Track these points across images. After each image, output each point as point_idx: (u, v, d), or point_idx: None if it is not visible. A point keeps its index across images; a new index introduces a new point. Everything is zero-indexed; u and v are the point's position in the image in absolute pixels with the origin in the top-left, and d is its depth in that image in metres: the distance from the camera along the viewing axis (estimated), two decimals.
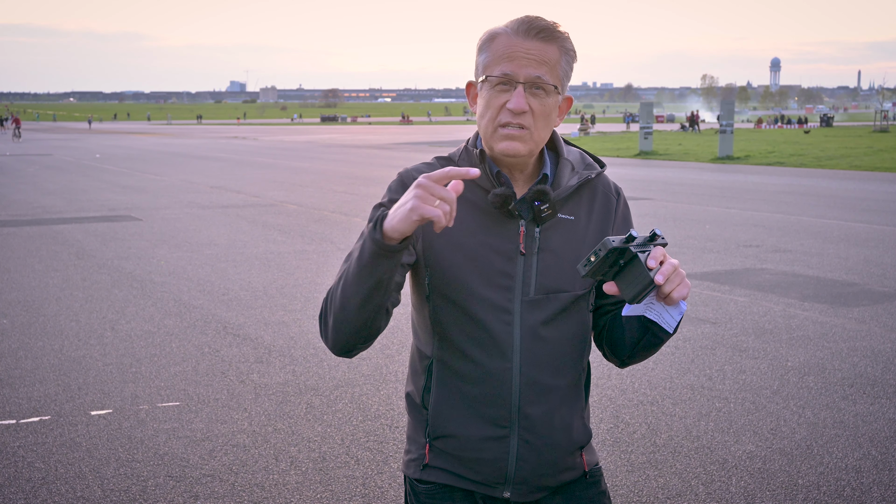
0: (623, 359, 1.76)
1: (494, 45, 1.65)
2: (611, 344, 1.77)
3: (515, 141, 1.63)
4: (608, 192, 1.78)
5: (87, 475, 4.07)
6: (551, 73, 1.63)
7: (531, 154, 1.67)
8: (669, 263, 1.50)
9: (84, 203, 16.29)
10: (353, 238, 11.53)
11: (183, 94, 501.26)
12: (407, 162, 17.35)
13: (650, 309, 1.60)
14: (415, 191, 1.43)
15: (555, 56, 1.63)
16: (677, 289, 1.53)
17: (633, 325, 1.69)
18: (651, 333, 1.66)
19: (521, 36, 1.62)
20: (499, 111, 1.64)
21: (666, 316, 1.61)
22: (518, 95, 1.61)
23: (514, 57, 1.62)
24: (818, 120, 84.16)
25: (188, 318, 7.08)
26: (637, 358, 1.74)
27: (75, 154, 36.37)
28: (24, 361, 5.89)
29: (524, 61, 1.61)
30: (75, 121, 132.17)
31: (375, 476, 4.06)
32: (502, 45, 1.64)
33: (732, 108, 31.14)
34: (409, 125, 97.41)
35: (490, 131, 1.66)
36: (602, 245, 1.47)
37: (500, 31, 1.66)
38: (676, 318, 1.61)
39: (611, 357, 1.80)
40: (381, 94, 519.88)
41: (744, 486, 3.93)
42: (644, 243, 1.52)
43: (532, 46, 1.62)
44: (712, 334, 6.48)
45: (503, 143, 1.64)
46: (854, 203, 15.60)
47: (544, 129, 1.66)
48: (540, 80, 1.62)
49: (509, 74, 1.62)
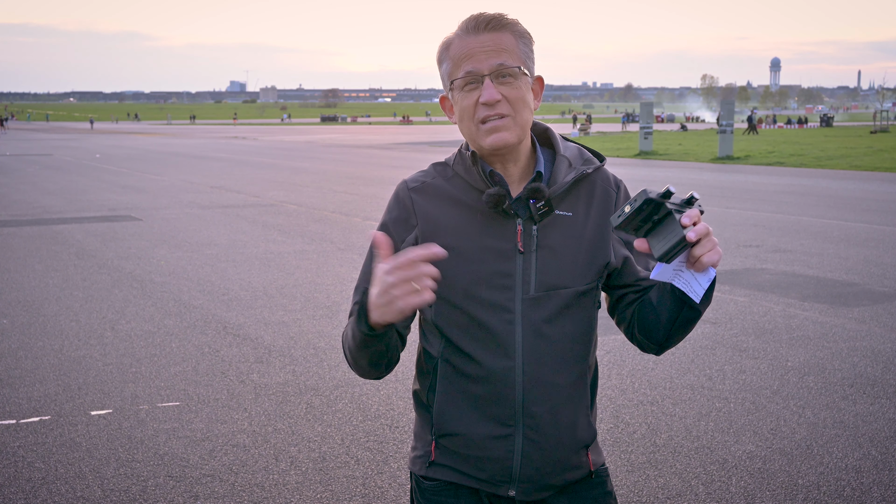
0: (661, 342, 1.72)
1: (451, 52, 1.68)
2: (645, 330, 1.73)
3: (501, 131, 1.64)
4: (607, 187, 1.77)
5: (87, 475, 4.07)
6: (512, 57, 1.65)
7: (520, 140, 1.68)
8: (703, 225, 1.48)
9: (84, 203, 16.29)
10: (353, 238, 11.53)
11: (183, 94, 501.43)
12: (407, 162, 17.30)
13: (678, 276, 1.55)
14: (389, 288, 1.43)
15: (510, 41, 1.65)
16: (708, 253, 1.49)
17: (667, 302, 1.65)
18: (687, 307, 1.62)
19: (472, 33, 1.65)
20: (475, 109, 1.65)
21: (695, 285, 1.56)
22: (487, 87, 1.63)
23: (472, 54, 1.64)
24: (818, 120, 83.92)
25: (188, 318, 7.08)
26: (674, 339, 1.70)
27: (75, 154, 36.38)
28: (24, 361, 5.89)
29: (482, 55, 1.64)
30: (74, 121, 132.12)
31: (375, 476, 4.06)
32: (458, 49, 1.66)
33: (732, 108, 31.12)
34: (409, 125, 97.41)
35: (474, 131, 1.67)
36: (639, 195, 1.44)
37: (452, 37, 1.69)
38: (704, 285, 1.56)
39: (647, 345, 1.75)
40: (381, 94, 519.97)
41: (744, 486, 3.93)
42: (681, 204, 1.48)
43: (485, 39, 1.64)
44: (712, 334, 6.48)
45: (490, 138, 1.65)
46: (854, 203, 15.60)
47: (524, 112, 1.67)
48: (503, 66, 1.63)
49: (472, 71, 1.64)
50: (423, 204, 1.73)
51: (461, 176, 1.73)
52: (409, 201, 1.74)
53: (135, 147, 44.10)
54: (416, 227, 1.73)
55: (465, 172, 1.72)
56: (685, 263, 1.55)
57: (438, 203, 1.73)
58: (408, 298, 1.43)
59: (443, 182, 1.75)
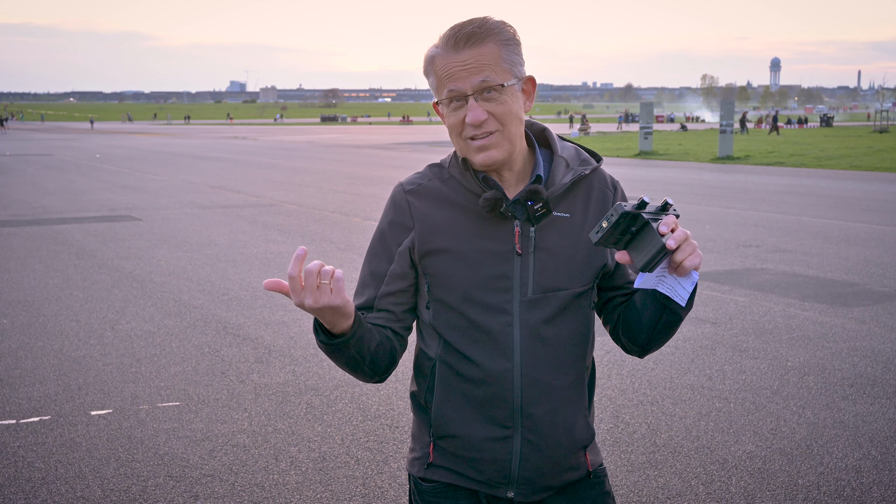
0: (643, 345, 1.73)
1: (435, 68, 1.66)
2: (628, 332, 1.74)
3: (490, 150, 1.64)
4: (604, 187, 1.77)
5: (87, 475, 4.07)
6: (495, 71, 1.62)
7: (510, 154, 1.67)
8: (681, 230, 1.49)
9: (84, 203, 16.29)
10: (352, 238, 11.54)
11: (183, 94, 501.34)
12: (407, 162, 17.30)
13: (662, 282, 1.57)
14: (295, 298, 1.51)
15: (493, 54, 1.62)
16: (689, 258, 1.51)
17: (649, 306, 1.66)
18: (669, 311, 1.63)
19: (452, 51, 1.62)
20: (462, 127, 1.65)
21: (678, 288, 1.58)
22: (472, 108, 1.61)
23: (452, 74, 1.62)
24: (818, 120, 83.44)
25: (188, 318, 7.08)
26: (656, 342, 1.72)
27: (75, 154, 36.37)
28: (24, 361, 5.89)
29: (464, 73, 1.61)
30: (74, 121, 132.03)
31: (375, 476, 4.06)
32: (440, 66, 1.64)
33: (732, 108, 31.11)
34: (409, 125, 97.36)
35: (463, 148, 1.68)
36: (614, 209, 1.45)
37: (434, 51, 1.66)
38: (689, 288, 1.58)
39: (630, 347, 1.77)
40: (381, 94, 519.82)
41: (744, 486, 3.93)
42: (656, 212, 1.50)
43: (466, 57, 1.61)
44: (712, 334, 6.47)
45: (479, 157, 1.65)
46: (854, 203, 15.60)
47: (513, 125, 1.65)
48: (486, 83, 1.61)
49: (455, 90, 1.62)
50: (419, 206, 1.73)
51: (457, 178, 1.73)
52: (406, 204, 1.74)
53: (134, 147, 44.09)
54: (412, 230, 1.72)
55: (461, 175, 1.72)
56: (667, 269, 1.56)
57: (435, 205, 1.72)
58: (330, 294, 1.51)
59: (439, 184, 1.74)
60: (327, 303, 1.50)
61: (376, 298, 1.74)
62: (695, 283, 1.59)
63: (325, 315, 1.54)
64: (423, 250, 1.71)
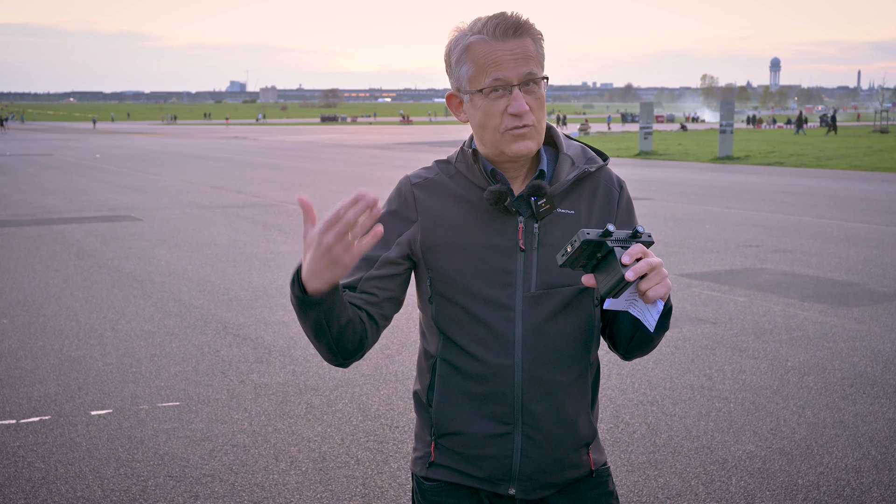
0: (623, 354, 1.78)
1: (474, 55, 1.63)
2: (610, 337, 1.79)
3: (527, 140, 1.64)
4: (610, 186, 1.77)
5: (87, 475, 4.07)
6: (537, 65, 1.64)
7: (539, 146, 1.69)
8: (645, 261, 1.47)
9: (84, 203, 16.29)
10: None
11: (183, 94, 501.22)
12: (407, 162, 17.35)
13: (633, 305, 1.57)
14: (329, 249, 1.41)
15: (533, 48, 1.64)
16: (654, 288, 1.49)
17: (625, 322, 1.69)
18: (640, 332, 1.67)
19: (500, 39, 1.61)
20: (501, 118, 1.63)
21: (647, 315, 1.57)
22: (517, 98, 1.61)
23: (500, 61, 1.61)
24: (818, 120, 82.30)
25: (188, 318, 7.08)
26: (634, 353, 1.75)
27: (75, 154, 36.38)
28: (24, 361, 5.89)
29: (511, 63, 1.61)
30: (75, 121, 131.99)
31: (375, 476, 4.06)
32: (483, 53, 1.62)
33: (732, 108, 31.14)
34: (410, 125, 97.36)
35: (498, 138, 1.65)
36: (577, 236, 1.46)
37: (474, 39, 1.63)
38: (656, 316, 1.57)
39: (614, 350, 1.81)
40: (381, 94, 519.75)
41: (744, 486, 3.93)
42: (625, 239, 1.50)
43: (513, 46, 1.61)
44: (712, 334, 6.48)
45: (516, 145, 1.64)
46: (854, 203, 15.60)
47: (544, 119, 1.68)
48: (532, 75, 1.62)
49: (502, 79, 1.61)
50: (424, 200, 1.73)
51: (463, 173, 1.73)
52: (411, 196, 1.74)
53: (134, 147, 44.10)
54: (415, 223, 1.72)
55: (467, 170, 1.72)
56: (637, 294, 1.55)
57: (440, 199, 1.72)
58: (351, 251, 1.42)
59: (445, 179, 1.74)
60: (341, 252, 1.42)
61: (361, 280, 1.71)
62: (661, 312, 1.58)
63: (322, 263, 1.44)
64: (427, 244, 1.71)
